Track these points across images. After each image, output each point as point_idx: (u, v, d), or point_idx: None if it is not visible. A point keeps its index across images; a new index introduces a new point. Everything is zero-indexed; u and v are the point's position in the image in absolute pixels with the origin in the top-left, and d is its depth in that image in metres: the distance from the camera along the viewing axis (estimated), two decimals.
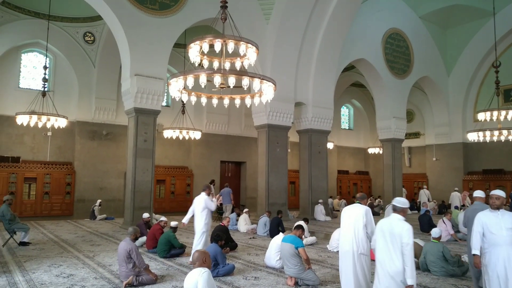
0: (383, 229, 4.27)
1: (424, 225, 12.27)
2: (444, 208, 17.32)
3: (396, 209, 4.34)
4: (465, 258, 7.12)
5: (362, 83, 22.00)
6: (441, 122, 22.02)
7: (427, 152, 23.01)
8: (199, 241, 7.48)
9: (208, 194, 7.69)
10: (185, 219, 7.80)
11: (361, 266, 4.85)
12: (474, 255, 4.65)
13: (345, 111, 26.00)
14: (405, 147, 22.99)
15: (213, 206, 7.60)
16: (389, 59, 18.94)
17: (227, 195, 14.94)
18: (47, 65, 13.90)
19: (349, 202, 21.37)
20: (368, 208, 5.03)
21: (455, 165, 21.58)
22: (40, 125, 13.12)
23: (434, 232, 7.20)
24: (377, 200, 20.61)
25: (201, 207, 7.55)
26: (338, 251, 8.69)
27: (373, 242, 4.48)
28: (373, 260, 4.54)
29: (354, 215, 4.97)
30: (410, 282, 4.01)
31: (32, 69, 15.63)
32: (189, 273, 4.05)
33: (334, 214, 17.02)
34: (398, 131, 19.28)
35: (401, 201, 4.37)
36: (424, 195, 19.61)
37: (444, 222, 10.80)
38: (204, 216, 7.56)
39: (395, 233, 4.13)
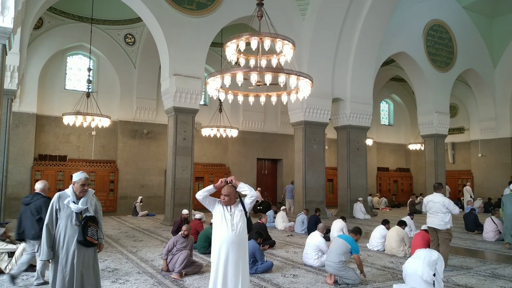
0: None
1: (469, 224, 11.77)
2: (490, 206, 16.55)
3: None
4: None
5: (402, 77, 21.36)
6: (487, 116, 21.00)
7: (472, 148, 22.05)
8: None
9: None
10: None
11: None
12: None
13: (384, 106, 25.35)
14: (448, 143, 22.18)
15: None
16: (431, 52, 18.27)
17: (291, 191, 15.82)
18: (91, 67, 14.44)
19: (389, 200, 21.14)
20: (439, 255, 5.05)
21: (503, 161, 20.53)
22: (85, 125, 13.65)
23: None
24: (418, 198, 19.98)
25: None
26: (377, 250, 8.60)
27: None
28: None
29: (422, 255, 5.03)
30: None
31: (77, 71, 16.30)
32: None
33: (374, 212, 16.68)
34: (441, 126, 18.57)
35: None
36: (467, 192, 18.82)
37: (494, 222, 10.27)
38: None
39: None
